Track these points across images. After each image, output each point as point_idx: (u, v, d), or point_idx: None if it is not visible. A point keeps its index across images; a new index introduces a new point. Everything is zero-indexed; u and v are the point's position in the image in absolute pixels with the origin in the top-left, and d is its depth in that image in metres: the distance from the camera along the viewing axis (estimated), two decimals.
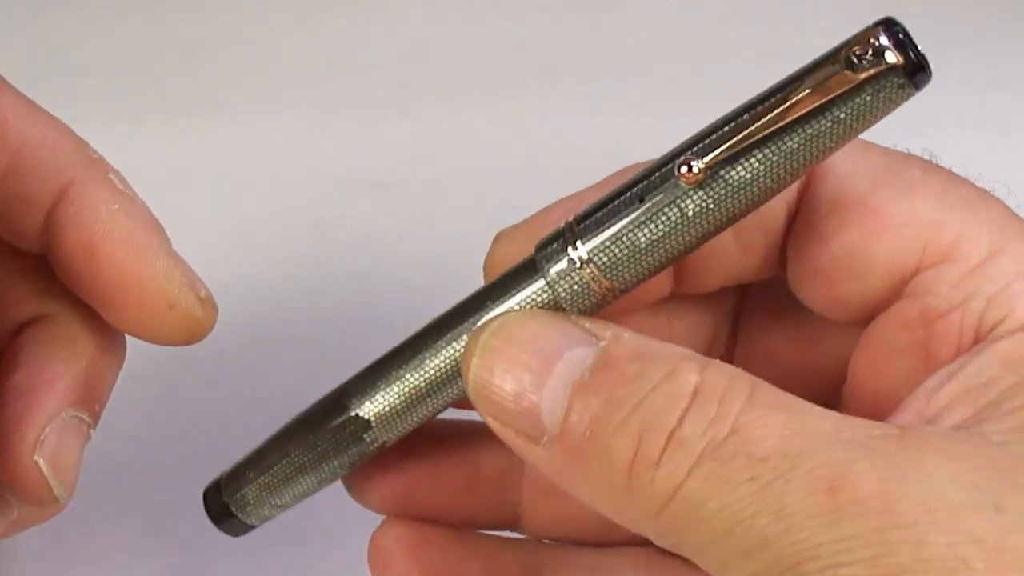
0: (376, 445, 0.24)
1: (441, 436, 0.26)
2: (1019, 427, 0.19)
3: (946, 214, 0.22)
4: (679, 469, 0.18)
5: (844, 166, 0.23)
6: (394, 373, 0.24)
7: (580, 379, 0.20)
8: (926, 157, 0.23)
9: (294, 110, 0.54)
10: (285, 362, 0.39)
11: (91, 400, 0.25)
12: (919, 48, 0.19)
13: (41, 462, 0.24)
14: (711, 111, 0.23)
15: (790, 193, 0.24)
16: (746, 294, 0.27)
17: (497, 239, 0.26)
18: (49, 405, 0.24)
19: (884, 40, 0.19)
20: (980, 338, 0.22)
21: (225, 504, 0.26)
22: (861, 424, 0.19)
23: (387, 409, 0.24)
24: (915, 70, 0.19)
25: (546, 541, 0.27)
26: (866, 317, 0.24)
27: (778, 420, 0.19)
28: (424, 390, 0.23)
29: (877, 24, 0.19)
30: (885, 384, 0.20)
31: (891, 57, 0.19)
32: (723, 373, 0.20)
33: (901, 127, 0.22)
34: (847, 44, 0.19)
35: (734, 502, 0.18)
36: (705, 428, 0.19)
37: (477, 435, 0.26)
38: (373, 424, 0.24)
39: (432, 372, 0.23)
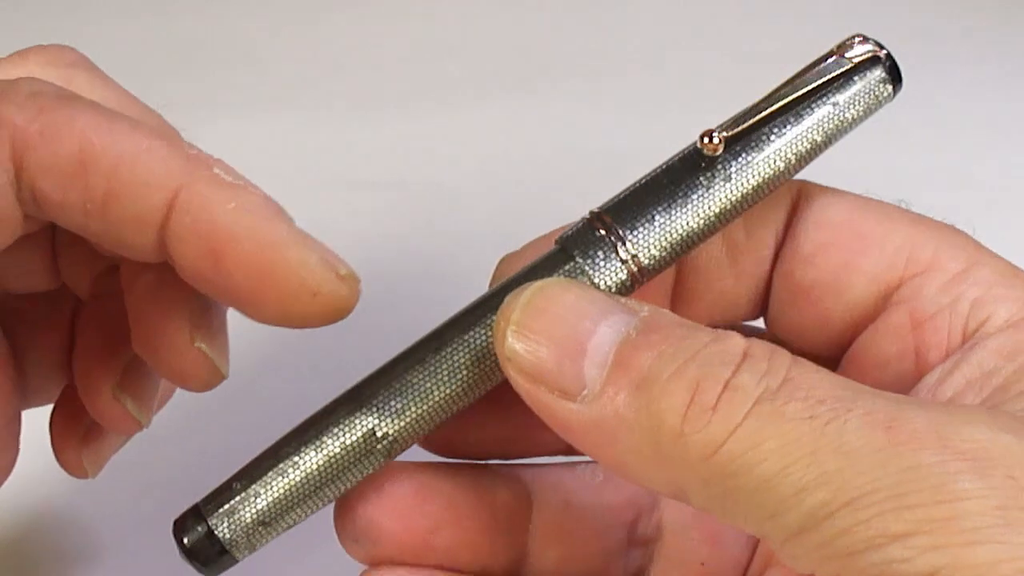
0: (388, 444, 0.23)
1: (456, 477, 0.26)
2: None
3: (923, 235, 0.24)
4: (736, 412, 0.19)
5: (826, 201, 0.25)
6: (415, 360, 0.23)
7: (627, 337, 0.20)
8: (900, 205, 0.25)
9: (294, 110, 0.54)
10: (284, 362, 0.39)
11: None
12: (894, 58, 0.23)
13: (127, 402, 0.25)
14: (711, 111, 0.24)
15: (777, 225, 0.25)
16: None
17: (501, 263, 0.26)
18: (189, 296, 0.24)
19: (868, 44, 0.23)
20: (966, 339, 0.23)
21: (207, 529, 0.23)
22: (896, 393, 0.20)
23: (407, 403, 0.23)
24: (893, 72, 0.23)
25: None
26: (846, 339, 0.25)
27: (825, 376, 0.19)
28: (446, 380, 0.23)
29: (857, 34, 0.24)
30: None
31: (874, 50, 0.23)
32: (765, 343, 0.20)
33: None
34: (838, 45, 0.24)
35: (793, 440, 0.18)
36: (760, 378, 0.19)
37: (489, 475, 0.26)
38: (389, 419, 0.23)
39: (457, 359, 0.23)
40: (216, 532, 0.23)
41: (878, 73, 0.23)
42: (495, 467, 0.26)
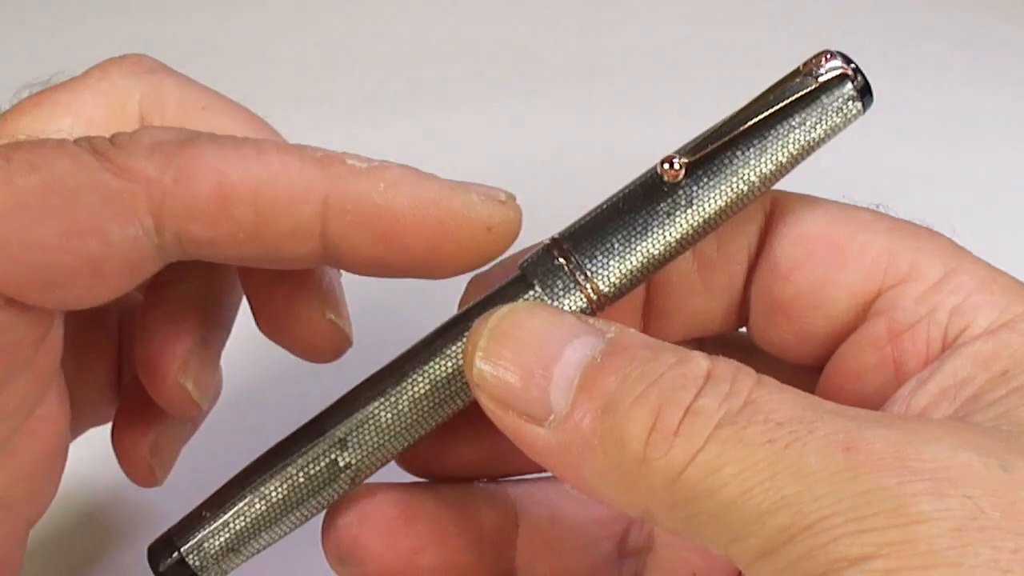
0: (351, 473, 0.23)
1: (440, 496, 0.26)
2: (1002, 414, 0.20)
3: (901, 244, 0.23)
4: (697, 437, 0.19)
5: (800, 214, 0.24)
6: (376, 391, 0.23)
7: (592, 361, 0.20)
8: (878, 209, 0.25)
9: (294, 110, 0.54)
10: (283, 366, 0.39)
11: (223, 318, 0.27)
12: (864, 73, 0.23)
13: (188, 384, 0.26)
14: (710, 111, 0.24)
15: (750, 239, 0.25)
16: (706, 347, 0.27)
17: (471, 284, 0.26)
18: (310, 273, 0.25)
19: (836, 60, 0.23)
20: (946, 347, 0.22)
21: (178, 557, 0.23)
22: (861, 409, 0.20)
23: (367, 431, 0.23)
24: (863, 88, 0.23)
25: None
26: (828, 351, 0.24)
27: (788, 397, 0.19)
28: (407, 410, 0.23)
29: (826, 50, 0.23)
30: (856, 404, 0.20)
31: (843, 68, 0.23)
32: (729, 362, 0.20)
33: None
34: (805, 63, 0.23)
35: (752, 464, 0.18)
36: (721, 401, 0.19)
37: (474, 493, 0.26)
38: (350, 447, 0.23)
39: (416, 390, 0.23)
40: (187, 560, 0.23)
41: (846, 91, 0.22)
42: (480, 485, 0.26)
